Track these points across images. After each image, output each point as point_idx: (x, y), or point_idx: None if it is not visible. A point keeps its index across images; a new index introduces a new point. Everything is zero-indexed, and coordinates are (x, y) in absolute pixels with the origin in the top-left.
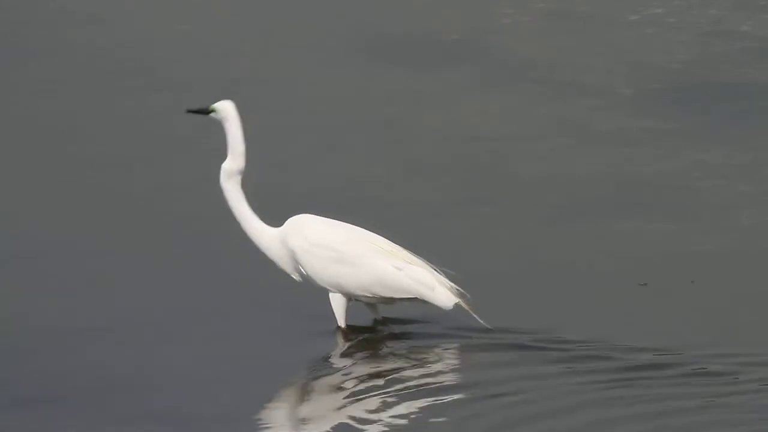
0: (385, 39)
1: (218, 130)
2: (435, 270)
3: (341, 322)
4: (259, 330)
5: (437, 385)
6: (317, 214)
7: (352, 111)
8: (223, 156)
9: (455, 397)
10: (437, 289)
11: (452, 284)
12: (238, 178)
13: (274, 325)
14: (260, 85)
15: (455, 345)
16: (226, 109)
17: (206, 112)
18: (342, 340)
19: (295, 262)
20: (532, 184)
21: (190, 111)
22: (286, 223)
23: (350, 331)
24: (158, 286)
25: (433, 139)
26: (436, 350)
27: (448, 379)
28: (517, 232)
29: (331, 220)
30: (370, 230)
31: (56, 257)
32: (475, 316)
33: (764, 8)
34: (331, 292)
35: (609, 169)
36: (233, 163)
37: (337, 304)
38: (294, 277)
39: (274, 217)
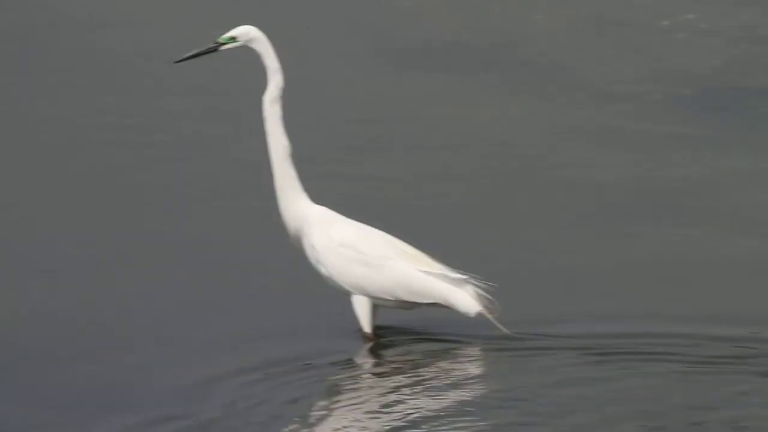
0: (416, 45)
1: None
2: (462, 275)
3: (366, 327)
4: (281, 329)
5: (463, 392)
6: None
7: (380, 115)
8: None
9: (479, 401)
10: (461, 295)
11: (478, 291)
12: (280, 103)
13: (298, 324)
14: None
15: (481, 349)
16: (250, 33)
17: (215, 48)
18: (367, 345)
19: (315, 259)
20: (562, 188)
21: (180, 60)
22: (315, 210)
23: (376, 335)
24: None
25: (462, 144)
26: (462, 355)
27: (475, 384)
28: (546, 236)
29: (353, 221)
30: (394, 234)
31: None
32: (497, 324)
33: None
34: (353, 294)
35: (638, 175)
36: (273, 86)
37: (361, 307)
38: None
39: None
